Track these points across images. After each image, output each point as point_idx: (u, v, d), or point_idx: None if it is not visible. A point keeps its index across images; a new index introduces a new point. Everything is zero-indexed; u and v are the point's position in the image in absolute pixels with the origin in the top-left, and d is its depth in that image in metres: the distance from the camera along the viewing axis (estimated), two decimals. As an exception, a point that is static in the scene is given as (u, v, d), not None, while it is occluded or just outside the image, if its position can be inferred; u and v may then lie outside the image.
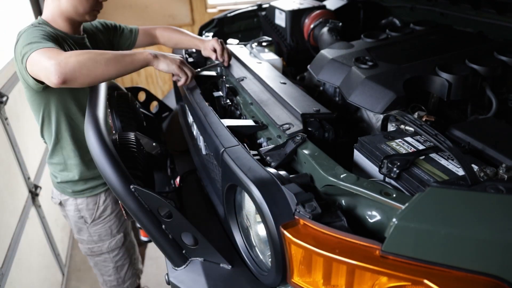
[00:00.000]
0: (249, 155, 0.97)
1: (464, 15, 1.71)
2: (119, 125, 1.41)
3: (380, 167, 0.94)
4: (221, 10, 3.84)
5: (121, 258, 1.79)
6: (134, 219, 1.06)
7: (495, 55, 1.32)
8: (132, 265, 1.86)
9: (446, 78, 1.19)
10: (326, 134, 1.11)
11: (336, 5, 2.04)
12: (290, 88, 1.32)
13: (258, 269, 1.01)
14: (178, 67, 1.39)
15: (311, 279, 0.82)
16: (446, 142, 0.88)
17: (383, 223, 0.82)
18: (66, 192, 1.63)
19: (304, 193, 0.83)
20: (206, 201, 1.33)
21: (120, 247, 1.77)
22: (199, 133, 1.30)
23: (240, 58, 1.63)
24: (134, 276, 1.88)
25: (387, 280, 0.71)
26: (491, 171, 0.84)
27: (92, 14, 1.48)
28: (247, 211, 1.03)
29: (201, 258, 1.09)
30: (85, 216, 1.66)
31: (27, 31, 1.35)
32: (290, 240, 0.79)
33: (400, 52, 1.44)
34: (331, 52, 1.46)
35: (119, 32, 1.74)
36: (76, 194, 1.62)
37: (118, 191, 1.01)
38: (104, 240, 1.72)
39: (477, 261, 0.67)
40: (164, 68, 1.38)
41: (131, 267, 1.85)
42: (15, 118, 2.13)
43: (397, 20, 1.95)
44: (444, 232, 0.66)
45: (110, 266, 1.79)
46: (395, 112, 1.08)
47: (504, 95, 1.32)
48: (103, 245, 1.73)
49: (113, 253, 1.76)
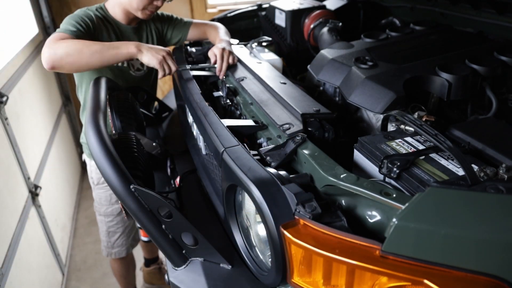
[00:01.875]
0: (249, 155, 0.97)
1: (464, 15, 1.71)
2: (119, 125, 1.40)
3: (380, 167, 0.94)
4: (221, 10, 3.83)
5: (114, 226, 1.95)
6: (134, 219, 1.06)
7: (495, 55, 1.32)
8: (125, 235, 1.99)
9: (446, 78, 1.19)
10: (326, 134, 1.11)
11: (336, 5, 2.04)
12: (290, 88, 1.32)
13: (258, 269, 1.01)
14: (159, 62, 1.44)
15: (311, 279, 0.82)
16: (446, 142, 0.88)
17: (383, 223, 0.82)
18: (86, 152, 1.88)
19: (304, 193, 0.83)
20: (206, 201, 1.32)
21: (115, 216, 1.92)
22: (199, 133, 1.30)
23: (240, 58, 1.63)
24: (123, 246, 2.01)
25: (387, 280, 0.71)
26: (491, 171, 0.84)
27: (144, 12, 1.60)
28: (247, 211, 1.03)
29: (201, 258, 1.09)
30: (93, 178, 1.89)
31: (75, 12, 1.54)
32: (290, 240, 0.79)
33: (400, 52, 1.44)
34: (331, 52, 1.46)
35: (173, 24, 1.83)
36: (90, 156, 1.78)
37: (118, 191, 1.01)
38: (103, 204, 1.90)
39: (477, 261, 0.67)
40: (145, 61, 1.43)
41: (122, 237, 1.99)
42: (15, 118, 2.13)
43: (397, 20, 1.95)
44: (444, 232, 0.66)
45: (103, 228, 1.97)
46: (395, 112, 1.08)
47: (504, 95, 1.32)
48: (101, 208, 1.92)
49: (108, 218, 1.93)
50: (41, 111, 2.68)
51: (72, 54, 1.35)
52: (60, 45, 1.35)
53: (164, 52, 1.46)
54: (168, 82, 4.19)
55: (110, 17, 1.65)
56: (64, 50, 1.34)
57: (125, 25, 1.68)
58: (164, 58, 1.45)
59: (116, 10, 1.64)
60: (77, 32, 1.44)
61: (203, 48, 1.85)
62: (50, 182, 2.56)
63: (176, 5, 3.85)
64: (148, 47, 1.44)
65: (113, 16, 1.65)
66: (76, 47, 1.36)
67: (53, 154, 2.73)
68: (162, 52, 1.45)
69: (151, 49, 1.44)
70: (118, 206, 1.89)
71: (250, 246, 1.06)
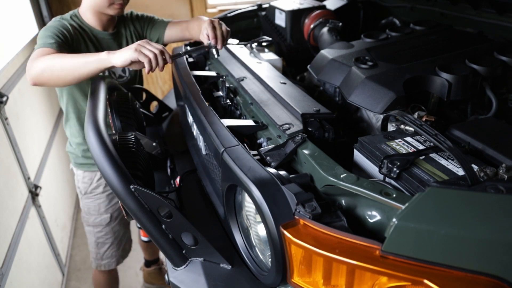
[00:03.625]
0: (249, 155, 0.97)
1: (464, 15, 1.71)
2: (119, 125, 1.40)
3: (380, 167, 0.94)
4: (221, 10, 3.84)
5: (103, 237, 1.87)
6: (134, 219, 1.06)
7: (495, 55, 1.32)
8: (114, 246, 1.92)
9: (446, 78, 1.19)
10: (326, 134, 1.11)
11: (336, 5, 2.04)
12: (290, 88, 1.32)
13: (258, 269, 1.01)
14: (134, 50, 1.19)
15: (311, 279, 0.82)
16: (446, 142, 0.88)
17: (383, 223, 0.82)
18: (72, 162, 1.82)
19: (304, 193, 0.83)
20: (206, 201, 1.32)
21: (104, 226, 1.85)
22: (199, 133, 1.30)
23: (240, 58, 1.63)
24: (113, 258, 1.94)
25: (387, 280, 0.71)
26: (491, 171, 0.84)
27: (113, 8, 1.48)
28: (247, 211, 1.03)
29: (201, 258, 1.09)
30: (80, 187, 1.83)
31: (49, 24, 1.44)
32: (290, 240, 0.79)
33: (400, 52, 1.44)
34: (331, 52, 1.46)
35: (152, 24, 1.72)
36: (77, 165, 1.80)
37: (118, 191, 1.01)
38: (91, 214, 1.84)
39: (477, 261, 0.67)
40: (120, 61, 1.21)
41: (112, 248, 1.91)
42: (15, 118, 2.13)
43: (397, 20, 1.95)
44: (444, 232, 0.66)
45: (92, 239, 1.89)
46: (395, 112, 1.08)
47: (504, 95, 1.32)
48: (89, 218, 1.85)
49: (97, 229, 1.86)
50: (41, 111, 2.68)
51: (47, 69, 1.27)
52: (39, 63, 1.28)
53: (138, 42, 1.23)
54: (168, 82, 4.19)
55: (85, 24, 1.54)
56: (41, 66, 1.27)
57: (102, 31, 1.57)
58: (140, 45, 1.21)
59: (88, 15, 1.53)
60: (56, 43, 1.37)
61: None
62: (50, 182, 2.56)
63: (176, 5, 3.86)
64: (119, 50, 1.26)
65: (88, 22, 1.54)
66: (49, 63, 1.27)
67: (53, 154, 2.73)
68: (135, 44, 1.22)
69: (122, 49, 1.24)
70: (107, 216, 1.84)
71: (250, 246, 1.06)
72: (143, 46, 1.21)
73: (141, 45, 1.21)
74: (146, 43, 1.22)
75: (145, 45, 1.21)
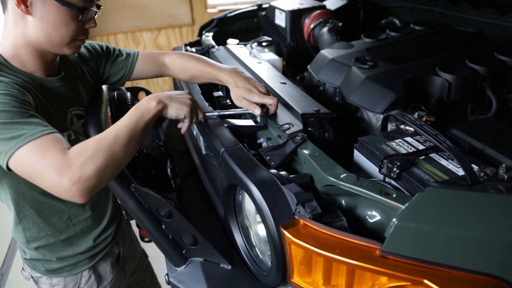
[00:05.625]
0: (249, 155, 0.97)
1: (464, 15, 1.71)
2: (119, 125, 1.40)
3: (380, 167, 0.94)
4: (221, 10, 3.84)
5: None
6: (134, 219, 1.06)
7: (495, 55, 1.32)
8: None
9: (446, 78, 1.19)
10: (326, 134, 1.11)
11: (336, 5, 2.04)
12: (290, 88, 1.32)
13: (258, 269, 1.01)
14: (189, 111, 1.05)
15: (311, 279, 0.82)
16: (446, 142, 0.88)
17: (383, 223, 0.82)
18: (38, 270, 1.24)
19: (304, 193, 0.83)
20: (206, 201, 1.32)
21: None
22: (199, 133, 1.30)
23: (240, 58, 1.63)
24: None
25: (387, 280, 0.71)
26: (491, 171, 0.84)
27: (74, 45, 1.08)
28: (247, 211, 1.03)
29: (201, 258, 1.09)
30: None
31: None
32: (290, 240, 0.79)
33: (400, 52, 1.44)
34: (331, 52, 1.46)
35: (111, 58, 1.32)
36: (51, 273, 1.24)
37: (118, 191, 1.01)
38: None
39: (477, 261, 0.67)
40: (173, 114, 1.03)
41: None
42: (15, 118, 2.12)
43: (397, 20, 1.95)
44: (444, 232, 0.66)
45: None
46: (395, 112, 1.08)
47: (504, 95, 1.32)
48: None
49: None
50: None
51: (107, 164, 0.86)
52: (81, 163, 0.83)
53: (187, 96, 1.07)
54: (168, 82, 4.19)
55: (21, 72, 1.03)
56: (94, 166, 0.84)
57: (47, 78, 1.09)
58: (194, 108, 1.07)
59: (24, 57, 1.04)
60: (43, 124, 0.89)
61: (203, 48, 1.85)
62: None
63: (176, 5, 3.86)
64: (167, 96, 1.02)
65: (22, 68, 1.04)
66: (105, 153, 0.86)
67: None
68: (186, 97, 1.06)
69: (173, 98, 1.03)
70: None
71: (250, 246, 1.06)
72: (196, 111, 1.09)
73: (195, 108, 1.08)
74: (198, 106, 1.10)
75: (198, 110, 1.10)
